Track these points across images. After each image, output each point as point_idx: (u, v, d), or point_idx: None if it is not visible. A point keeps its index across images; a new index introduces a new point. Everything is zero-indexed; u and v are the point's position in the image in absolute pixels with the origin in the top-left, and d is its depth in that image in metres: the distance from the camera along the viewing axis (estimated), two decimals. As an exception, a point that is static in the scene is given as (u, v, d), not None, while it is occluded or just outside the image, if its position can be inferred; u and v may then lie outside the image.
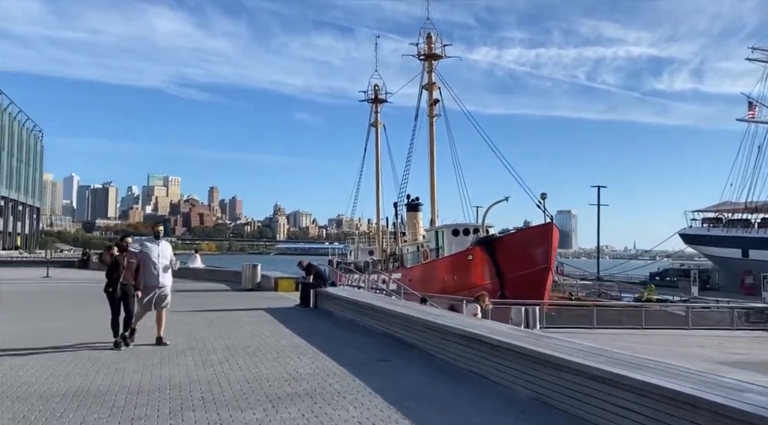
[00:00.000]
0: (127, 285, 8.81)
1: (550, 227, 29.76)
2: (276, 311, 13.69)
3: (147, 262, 9.07)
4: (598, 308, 23.28)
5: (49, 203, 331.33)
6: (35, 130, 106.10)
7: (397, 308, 9.17)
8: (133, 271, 8.85)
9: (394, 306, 9.57)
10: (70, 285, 23.12)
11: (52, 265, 36.28)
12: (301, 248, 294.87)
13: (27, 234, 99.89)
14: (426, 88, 41.69)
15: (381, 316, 9.70)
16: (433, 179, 42.34)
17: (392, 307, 9.31)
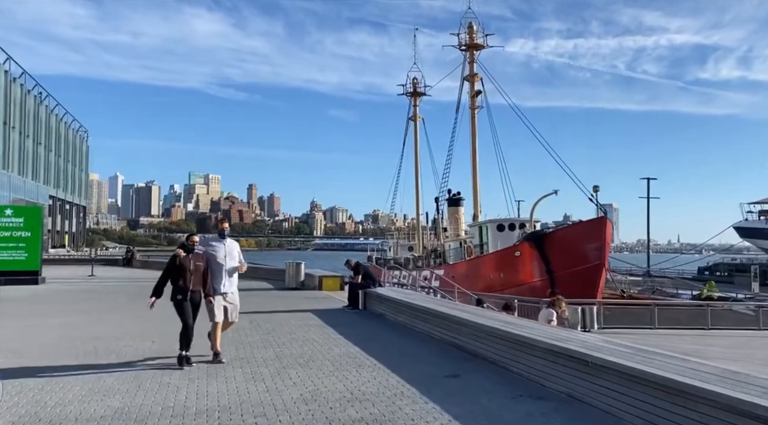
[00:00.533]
0: (195, 293, 7.67)
1: (604, 222, 28.30)
2: (324, 314, 12.94)
3: (214, 263, 7.83)
4: (659, 308, 21.89)
5: (96, 201, 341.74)
6: (81, 130, 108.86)
7: (464, 314, 8.24)
8: (201, 276, 7.68)
9: (459, 312, 8.64)
10: (115, 285, 22.97)
11: (97, 263, 36.63)
12: (337, 244, 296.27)
13: (74, 232, 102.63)
14: (467, 79, 40.46)
15: (442, 322, 8.78)
16: (476, 173, 41.13)
17: (459, 314, 8.37)
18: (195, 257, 7.66)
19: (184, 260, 7.58)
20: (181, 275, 7.54)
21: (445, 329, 8.70)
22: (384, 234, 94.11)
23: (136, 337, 9.98)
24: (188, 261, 7.58)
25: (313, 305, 14.95)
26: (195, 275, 7.56)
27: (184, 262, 7.57)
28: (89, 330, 10.89)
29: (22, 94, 78.70)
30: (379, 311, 12.54)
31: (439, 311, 8.94)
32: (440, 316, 8.96)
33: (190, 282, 7.57)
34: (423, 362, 7.63)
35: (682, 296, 34.63)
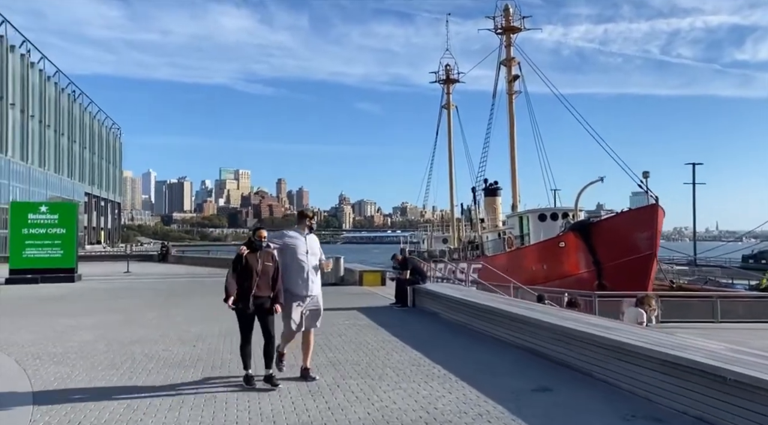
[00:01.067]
0: (263, 298, 6.29)
1: (656, 210, 26.77)
2: (371, 312, 12.07)
3: (293, 262, 6.44)
4: (721, 300, 20.45)
5: (129, 198, 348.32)
6: (114, 128, 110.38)
7: (543, 316, 7.23)
8: (271, 279, 6.27)
9: (536, 313, 7.62)
10: (151, 281, 22.55)
11: (132, 259, 36.57)
12: (366, 237, 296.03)
13: (110, 229, 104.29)
14: (504, 64, 39.02)
15: (513, 324, 7.78)
16: (514, 160, 39.72)
17: (537, 315, 7.36)
18: (264, 256, 6.29)
19: (251, 258, 6.23)
20: (246, 277, 6.23)
21: (518, 332, 7.70)
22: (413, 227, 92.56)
23: (174, 340, 9.26)
24: (255, 261, 6.24)
25: (357, 302, 14.10)
26: (262, 277, 6.22)
27: (250, 262, 6.22)
28: (126, 331, 10.23)
29: (57, 92, 79.83)
30: (431, 309, 11.61)
31: (511, 312, 7.94)
32: (511, 317, 7.96)
33: (256, 285, 6.23)
34: (501, 372, 6.65)
35: (736, 287, 32.85)
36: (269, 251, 6.37)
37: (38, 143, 72.64)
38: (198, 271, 28.38)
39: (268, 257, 6.32)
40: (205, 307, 13.57)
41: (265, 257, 6.29)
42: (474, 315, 9.35)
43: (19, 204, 29.49)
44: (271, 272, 6.29)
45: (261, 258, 6.26)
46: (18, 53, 67.74)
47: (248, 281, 6.21)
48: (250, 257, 6.26)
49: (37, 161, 71.75)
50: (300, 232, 6.61)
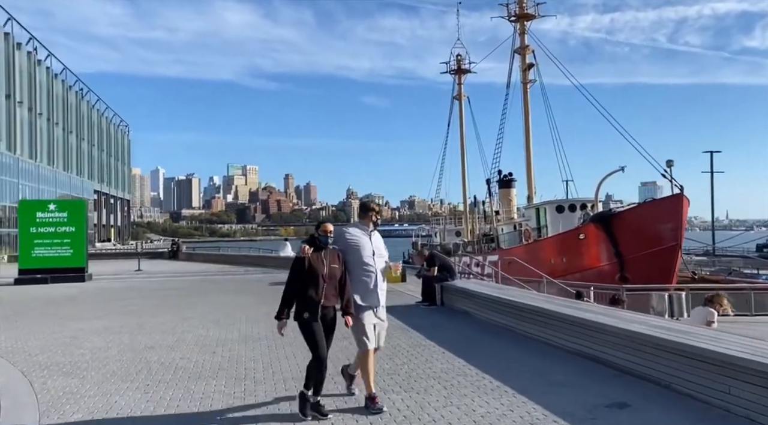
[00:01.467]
0: (329, 309, 5.18)
1: (680, 199, 25.83)
2: (398, 311, 11.34)
3: (357, 267, 5.30)
4: (755, 292, 19.59)
5: (138, 195, 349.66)
6: (122, 125, 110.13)
7: (605, 319, 6.46)
8: (338, 284, 5.19)
9: (595, 316, 6.85)
10: (162, 280, 21.94)
11: (143, 256, 36.08)
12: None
13: (120, 226, 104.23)
14: (518, 52, 38.02)
15: (571, 328, 7.01)
16: (529, 151, 38.75)
17: (597, 318, 6.59)
18: (330, 257, 5.17)
19: (315, 261, 5.07)
20: (311, 283, 5.05)
21: (574, 336, 6.93)
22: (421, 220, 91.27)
23: (192, 346, 8.58)
24: (320, 263, 5.09)
25: (380, 300, 13.39)
26: (329, 283, 5.09)
27: (315, 264, 5.06)
28: (139, 336, 9.57)
29: (64, 90, 79.47)
30: (462, 308, 10.87)
31: (565, 313, 7.16)
32: (566, 320, 7.19)
33: (323, 293, 5.09)
34: (562, 383, 5.89)
35: (762, 277, 31.90)
36: (335, 250, 5.24)
37: (47, 141, 72.34)
38: (210, 268, 27.81)
39: (335, 258, 5.19)
40: (220, 308, 12.93)
41: (331, 258, 5.16)
42: (516, 316, 8.60)
43: (27, 202, 28.97)
44: (338, 276, 5.16)
45: (328, 259, 5.13)
46: (24, 51, 67.35)
47: (314, 288, 5.06)
48: (315, 259, 5.09)
49: (45, 159, 71.47)
50: (363, 229, 5.46)
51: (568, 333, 6.93)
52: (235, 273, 24.44)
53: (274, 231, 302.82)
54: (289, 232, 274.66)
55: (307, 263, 5.04)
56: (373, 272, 5.31)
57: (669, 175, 27.04)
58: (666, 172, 27.21)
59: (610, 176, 29.83)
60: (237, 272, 25.11)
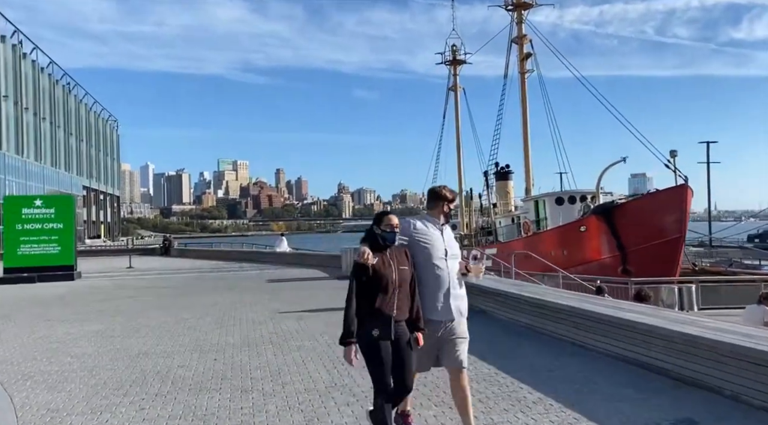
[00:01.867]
0: (401, 324, 3.87)
1: (685, 190, 25.35)
2: (408, 310, 10.71)
3: (426, 268, 4.07)
4: (765, 284, 19.12)
5: (128, 191, 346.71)
6: (111, 120, 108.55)
7: (651, 320, 5.82)
8: (410, 291, 3.93)
9: (634, 315, 6.21)
10: (155, 277, 21.18)
11: (134, 253, 35.23)
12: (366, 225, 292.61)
13: (109, 222, 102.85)
14: (515, 41, 37.39)
15: (613, 331, 6.36)
16: (527, 142, 38.22)
17: (640, 318, 5.93)
18: (397, 257, 3.90)
19: (381, 265, 3.81)
20: (379, 293, 3.79)
21: (615, 339, 6.25)
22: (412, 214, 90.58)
23: (190, 351, 7.88)
24: (387, 266, 3.83)
25: (387, 297, 12.74)
26: (401, 290, 3.84)
27: (381, 269, 3.80)
28: (133, 340, 8.86)
29: (51, 84, 77.98)
30: (476, 306, 10.21)
31: (601, 313, 6.50)
32: (598, 319, 6.54)
33: (394, 304, 3.82)
34: (614, 395, 5.19)
35: (764, 268, 31.58)
36: (402, 248, 4.00)
37: (33, 136, 70.95)
38: (203, 265, 27.04)
39: (403, 257, 3.93)
40: (218, 307, 12.21)
41: (399, 259, 3.89)
42: (542, 315, 7.94)
43: (13, 198, 27.98)
44: (409, 280, 3.90)
45: (396, 260, 3.86)
46: (9, 44, 65.89)
47: (383, 299, 3.77)
48: (382, 263, 3.82)
49: (33, 154, 70.12)
50: (433, 222, 4.21)
51: (609, 336, 6.28)
52: (230, 269, 23.72)
53: (266, 226, 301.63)
54: (280, 227, 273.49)
55: (371, 270, 3.79)
56: (446, 278, 4.07)
57: (673, 165, 26.61)
58: (670, 162, 26.78)
59: (612, 167, 29.36)
60: (232, 268, 24.38)
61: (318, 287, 15.50)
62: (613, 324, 6.16)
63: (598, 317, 6.43)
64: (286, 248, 28.61)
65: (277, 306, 12.01)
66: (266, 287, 16.04)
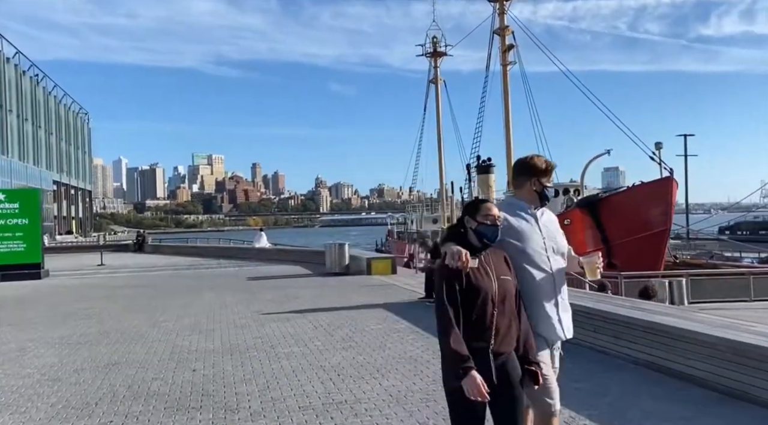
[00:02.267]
0: (505, 355, 2.72)
1: (670, 183, 25.16)
2: (403, 311, 10.02)
3: (522, 269, 2.95)
4: (754, 277, 18.94)
5: (101, 186, 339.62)
6: (81, 113, 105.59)
7: (692, 325, 5.21)
8: (515, 309, 2.78)
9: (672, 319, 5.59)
10: (127, 276, 20.15)
11: (106, 249, 33.95)
12: (344, 220, 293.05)
13: (81, 218, 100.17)
14: (498, 32, 36.84)
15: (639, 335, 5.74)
16: (509, 134, 37.78)
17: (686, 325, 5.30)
18: (495, 262, 2.80)
19: (478, 274, 2.71)
20: (473, 312, 2.67)
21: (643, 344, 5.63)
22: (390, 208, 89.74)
23: (167, 361, 7.10)
24: (485, 276, 2.72)
25: (377, 297, 12.04)
26: (503, 309, 2.72)
27: (478, 280, 2.69)
28: (102, 348, 8.04)
29: (17, 75, 75.21)
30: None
31: (626, 316, 5.89)
32: (624, 323, 5.92)
33: (495, 329, 2.68)
34: (654, 412, 4.57)
35: (745, 260, 31.73)
36: (499, 250, 2.88)
37: (-1, 129, 68.40)
38: (179, 261, 25.99)
39: (502, 264, 2.83)
40: (196, 309, 11.39)
41: (498, 266, 2.79)
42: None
43: (-25, 193, 26.51)
44: (513, 295, 2.79)
45: (492, 268, 2.76)
46: (-28, 33, 63.25)
47: (480, 321, 2.67)
48: (479, 271, 2.71)
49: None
50: (524, 207, 3.13)
51: (639, 342, 5.65)
52: (208, 266, 22.77)
53: (242, 221, 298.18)
54: (257, 222, 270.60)
55: (465, 280, 2.64)
56: (550, 283, 3.02)
57: (658, 157, 26.40)
58: (655, 154, 26.56)
59: (596, 159, 29.11)
60: (210, 265, 23.42)
61: (302, 286, 14.74)
62: (644, 329, 5.55)
63: (621, 319, 5.83)
64: (265, 243, 27.68)
65: (260, 307, 11.24)
66: (247, 286, 15.23)
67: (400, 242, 47.91)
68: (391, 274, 16.20)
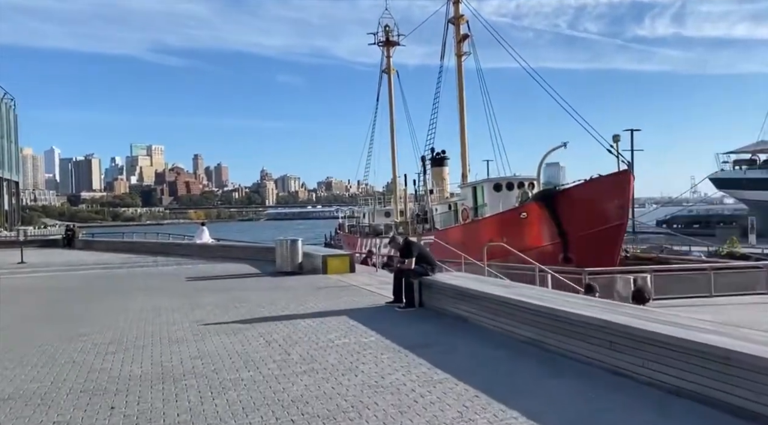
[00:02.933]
0: None
1: (627, 176, 24.89)
2: (369, 318, 8.68)
3: None
4: (715, 272, 18.70)
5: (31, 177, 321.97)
6: (6, 98, 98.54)
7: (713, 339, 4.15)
8: None
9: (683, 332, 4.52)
10: (50, 276, 17.93)
11: (30, 245, 31.04)
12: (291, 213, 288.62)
13: (7, 210, 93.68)
14: (452, 22, 35.93)
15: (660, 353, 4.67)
16: (464, 127, 37.03)
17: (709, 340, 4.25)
18: None
19: None
20: None
21: (663, 363, 4.60)
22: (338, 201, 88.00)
23: (77, 393, 5.53)
24: None
25: (337, 301, 10.65)
26: None
27: None
28: (7, 371, 6.36)
29: (-68, 56, 69.07)
30: (453, 311, 8.40)
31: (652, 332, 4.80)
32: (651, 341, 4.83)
33: None
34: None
35: (693, 254, 32.09)
36: None
37: None
38: (110, 259, 23.76)
39: None
40: (122, 318, 9.67)
41: None
42: (543, 326, 6.23)
43: None
44: None
45: None
46: None
47: None
48: None
49: None
50: None
51: (662, 362, 4.57)
52: (143, 264, 20.73)
53: (184, 214, 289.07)
54: (199, 215, 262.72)
55: None
56: None
57: (615, 150, 26.10)
58: (612, 147, 26.23)
59: (553, 152, 28.60)
60: (145, 263, 21.37)
61: (249, 288, 13.16)
62: (669, 346, 4.44)
63: (652, 338, 4.70)
64: (208, 239, 25.72)
65: (201, 315, 9.67)
66: (186, 288, 13.53)
67: (351, 236, 46.55)
68: (349, 273, 14.86)
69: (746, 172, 58.34)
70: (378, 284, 12.39)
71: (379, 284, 12.47)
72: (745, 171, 58.77)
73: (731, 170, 61.27)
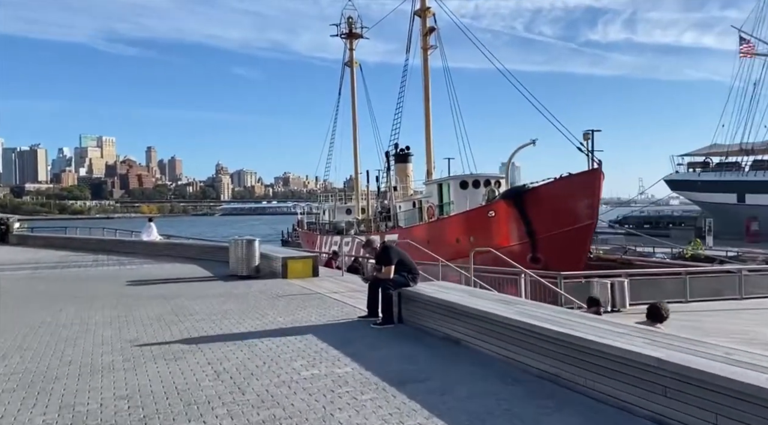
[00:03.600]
0: None
1: (598, 175, 24.20)
2: (340, 339, 7.27)
3: None
4: (690, 277, 18.06)
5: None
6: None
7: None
8: None
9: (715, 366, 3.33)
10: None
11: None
12: (247, 209, 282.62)
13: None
14: (419, 14, 34.72)
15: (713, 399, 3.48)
16: (429, 122, 35.91)
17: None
18: None
19: None
20: None
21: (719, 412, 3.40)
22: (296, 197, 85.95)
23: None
24: None
25: (301, 314, 9.18)
26: None
27: None
28: None
29: None
30: (442, 330, 7.08)
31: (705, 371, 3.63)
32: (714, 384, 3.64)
33: None
34: None
35: (657, 255, 31.95)
36: None
37: None
38: (45, 257, 21.54)
39: None
40: (38, 337, 7.94)
41: None
42: (561, 358, 4.99)
43: None
44: None
45: None
46: None
47: None
48: None
49: None
50: None
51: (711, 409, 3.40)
52: (81, 264, 18.69)
53: (135, 208, 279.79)
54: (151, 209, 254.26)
55: None
56: None
57: (586, 148, 25.39)
58: (583, 145, 25.52)
59: (522, 149, 27.76)
60: (83, 262, 19.32)
61: (198, 295, 11.53)
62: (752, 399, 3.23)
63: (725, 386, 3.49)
64: (155, 236, 23.72)
65: (137, 332, 8.07)
66: (124, 295, 11.79)
67: (310, 234, 44.86)
68: (312, 277, 13.38)
69: (700, 174, 59.45)
70: (346, 292, 11.00)
71: (347, 291, 11.07)
72: (699, 174, 59.89)
73: (686, 173, 62.39)
